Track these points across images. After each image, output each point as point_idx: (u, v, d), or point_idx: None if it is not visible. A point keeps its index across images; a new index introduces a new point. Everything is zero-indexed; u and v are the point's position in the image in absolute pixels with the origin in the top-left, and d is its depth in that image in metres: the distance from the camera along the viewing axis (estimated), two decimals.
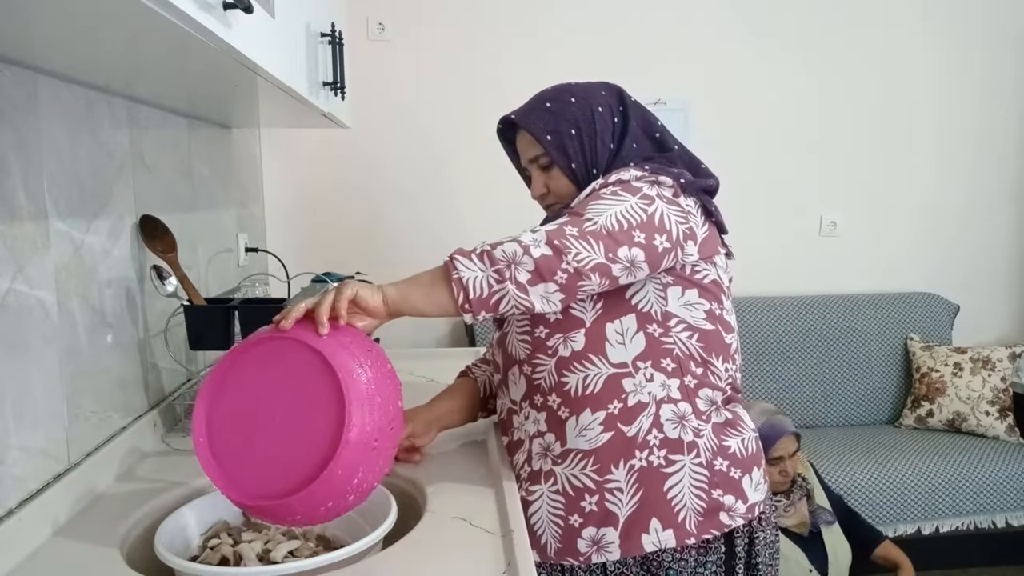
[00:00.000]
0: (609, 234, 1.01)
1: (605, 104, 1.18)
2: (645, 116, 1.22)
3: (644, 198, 1.06)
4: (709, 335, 1.13)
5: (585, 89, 1.20)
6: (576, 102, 1.17)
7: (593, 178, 1.16)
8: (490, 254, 0.99)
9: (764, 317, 2.84)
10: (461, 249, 1.02)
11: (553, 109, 1.18)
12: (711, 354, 1.13)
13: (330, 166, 2.67)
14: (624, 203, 1.05)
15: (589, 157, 1.17)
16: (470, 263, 0.99)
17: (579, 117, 1.17)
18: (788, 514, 1.93)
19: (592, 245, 1.00)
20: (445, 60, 2.69)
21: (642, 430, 1.09)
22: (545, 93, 1.22)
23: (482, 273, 0.98)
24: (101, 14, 0.73)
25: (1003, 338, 3.10)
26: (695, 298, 1.12)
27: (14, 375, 0.97)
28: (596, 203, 1.06)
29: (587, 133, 1.16)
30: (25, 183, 1.00)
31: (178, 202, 1.59)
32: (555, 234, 1.00)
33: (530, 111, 1.20)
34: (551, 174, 1.20)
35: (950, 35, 2.93)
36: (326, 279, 1.97)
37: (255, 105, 1.62)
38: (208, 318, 1.41)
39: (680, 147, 1.22)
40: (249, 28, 0.96)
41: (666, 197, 1.08)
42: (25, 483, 0.99)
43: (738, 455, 1.14)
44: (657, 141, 1.20)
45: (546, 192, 1.22)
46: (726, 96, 2.84)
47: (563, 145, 1.16)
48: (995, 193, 3.05)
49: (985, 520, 2.47)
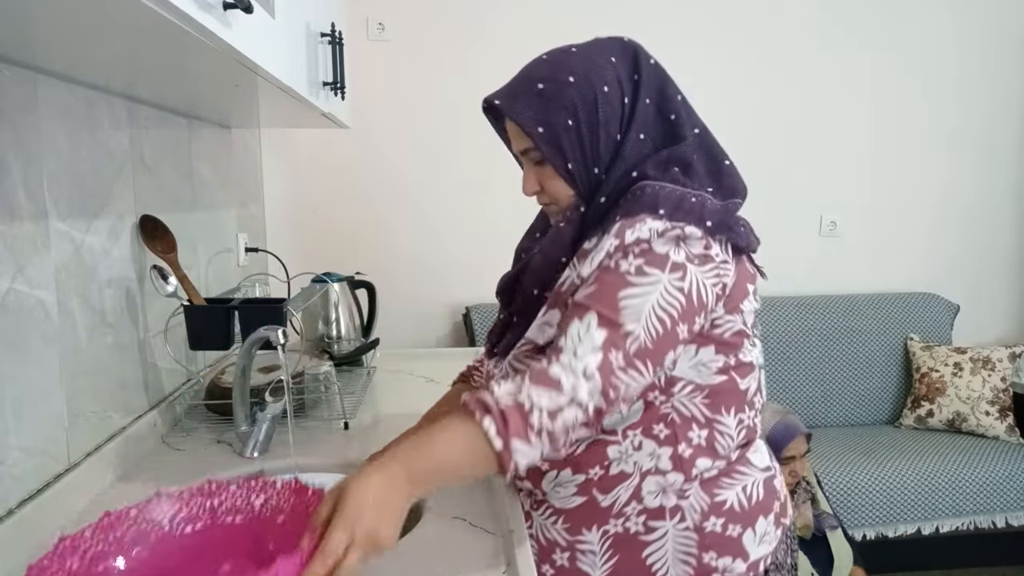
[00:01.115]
0: (656, 346, 0.86)
1: (613, 79, 0.95)
2: (663, 88, 0.99)
3: (675, 270, 0.88)
4: (719, 389, 0.97)
5: (589, 59, 0.96)
6: (576, 82, 0.94)
7: (594, 179, 0.96)
8: (551, 432, 0.82)
9: (764, 317, 2.82)
10: (511, 426, 0.81)
11: (547, 93, 0.95)
12: (719, 410, 0.97)
13: (330, 166, 2.67)
14: (657, 287, 0.87)
15: (590, 154, 0.96)
16: (529, 448, 0.82)
17: (578, 103, 0.94)
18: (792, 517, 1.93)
19: (641, 370, 0.86)
20: (445, 60, 2.69)
21: (619, 501, 0.97)
22: (538, 68, 0.98)
23: (537, 452, 0.83)
24: (101, 14, 0.73)
25: (1003, 338, 3.10)
26: (710, 356, 0.95)
27: (14, 375, 0.97)
28: (626, 293, 0.87)
29: (588, 124, 0.94)
30: (25, 183, 1.00)
31: (178, 202, 1.59)
32: (606, 374, 0.84)
33: (518, 95, 0.97)
34: (545, 171, 0.99)
35: (952, 35, 2.93)
36: (326, 279, 1.97)
37: (255, 105, 1.62)
38: (208, 318, 1.41)
39: (699, 134, 0.99)
40: (249, 28, 0.96)
41: (697, 257, 0.89)
42: (25, 483, 0.99)
43: (737, 508, 0.98)
44: (672, 125, 0.98)
45: (540, 190, 1.02)
46: (726, 96, 2.84)
47: (557, 140, 0.95)
48: (996, 193, 3.05)
49: (985, 520, 2.47)
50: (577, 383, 0.83)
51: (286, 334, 1.19)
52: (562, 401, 0.82)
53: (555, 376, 0.83)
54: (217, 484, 0.88)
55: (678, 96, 1.00)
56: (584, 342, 0.85)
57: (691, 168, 0.95)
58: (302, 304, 1.75)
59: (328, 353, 1.88)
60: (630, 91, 0.96)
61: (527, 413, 0.82)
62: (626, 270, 0.88)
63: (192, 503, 0.87)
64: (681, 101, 1.00)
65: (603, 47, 0.98)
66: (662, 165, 0.94)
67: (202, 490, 0.88)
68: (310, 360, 1.69)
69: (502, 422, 0.81)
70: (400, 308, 2.66)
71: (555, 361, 0.85)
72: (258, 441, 1.30)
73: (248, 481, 0.88)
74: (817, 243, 3.00)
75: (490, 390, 0.85)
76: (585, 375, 0.83)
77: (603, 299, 0.87)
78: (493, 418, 0.82)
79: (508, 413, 0.82)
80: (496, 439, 0.81)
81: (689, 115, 1.00)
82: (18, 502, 0.97)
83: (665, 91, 0.99)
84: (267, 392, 1.35)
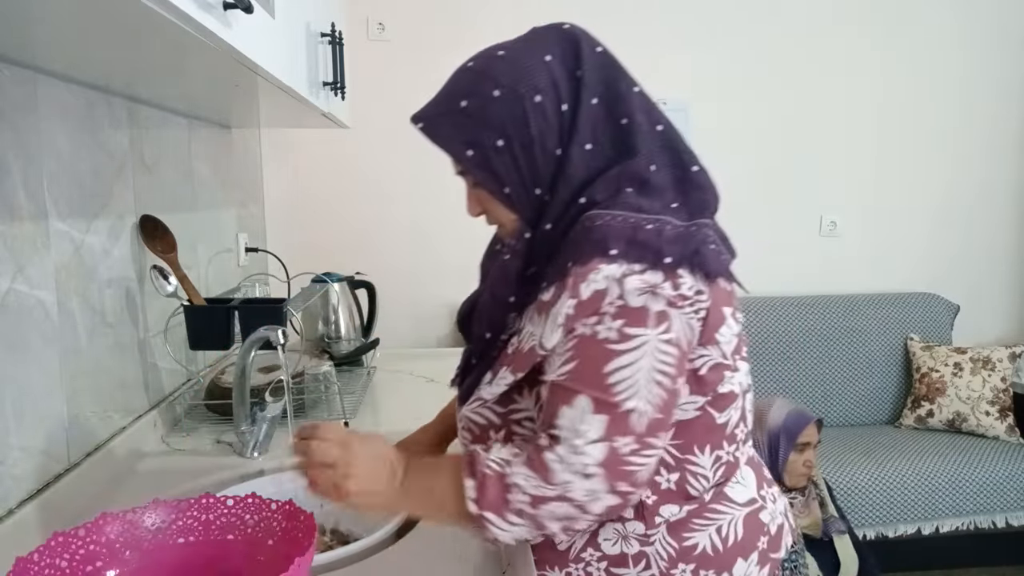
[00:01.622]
0: (664, 412, 0.78)
1: (547, 85, 0.83)
2: (614, 84, 0.85)
3: (659, 322, 0.77)
4: (690, 426, 0.85)
5: (517, 64, 0.84)
6: (501, 95, 0.82)
7: (537, 200, 0.85)
8: (533, 516, 0.76)
9: (764, 317, 2.83)
10: (488, 497, 0.77)
11: (471, 111, 0.83)
12: (692, 449, 0.86)
13: (330, 166, 2.67)
14: (646, 349, 0.76)
15: (528, 175, 0.84)
16: (504, 524, 0.77)
17: (507, 120, 0.82)
18: (802, 515, 1.94)
19: (656, 444, 0.78)
20: (445, 60, 2.67)
21: (575, 547, 0.88)
22: (460, 81, 0.87)
23: (522, 530, 0.78)
24: (101, 14, 0.73)
25: (1003, 338, 3.10)
26: (683, 398, 0.83)
27: (14, 375, 0.97)
28: (614, 365, 0.76)
29: (520, 142, 0.83)
30: (25, 183, 1.00)
31: (178, 202, 1.59)
32: (613, 468, 0.76)
33: (441, 115, 0.86)
34: (483, 194, 0.88)
35: (953, 35, 2.93)
36: (326, 279, 1.97)
37: (255, 105, 1.62)
38: (208, 318, 1.41)
39: (661, 132, 0.86)
40: (249, 28, 0.96)
41: (676, 299, 0.78)
42: (25, 483, 0.99)
43: (710, 552, 0.87)
44: (625, 130, 0.84)
45: (483, 212, 0.92)
46: (726, 96, 2.84)
47: (489, 163, 0.84)
48: (996, 193, 3.05)
49: (985, 520, 2.47)
50: (571, 482, 0.75)
51: (286, 334, 1.19)
52: (548, 493, 0.76)
53: (548, 464, 0.76)
54: (214, 499, 0.89)
55: (634, 89, 0.86)
56: (583, 433, 0.76)
57: (648, 184, 0.82)
58: (302, 304, 1.75)
59: (328, 353, 1.88)
60: (570, 94, 0.84)
61: (507, 488, 0.77)
62: (606, 337, 0.76)
63: (187, 514, 0.88)
64: (637, 95, 0.86)
65: (537, 44, 0.86)
66: (612, 187, 0.82)
67: (198, 503, 0.88)
68: (310, 360, 1.70)
69: (480, 490, 0.77)
70: (400, 308, 2.66)
71: (553, 447, 0.77)
72: (258, 441, 1.30)
73: (244, 499, 0.89)
74: (817, 243, 3.00)
75: (487, 447, 0.82)
76: (584, 474, 0.75)
77: (589, 379, 0.77)
78: (475, 482, 0.78)
79: (489, 483, 0.77)
80: (472, 504, 0.77)
81: (648, 112, 0.86)
82: (18, 502, 0.97)
83: (616, 86, 0.85)
84: (267, 392, 1.35)
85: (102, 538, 0.82)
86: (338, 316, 1.97)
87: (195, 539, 0.87)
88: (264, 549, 0.85)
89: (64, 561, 0.78)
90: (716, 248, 0.82)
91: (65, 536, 0.79)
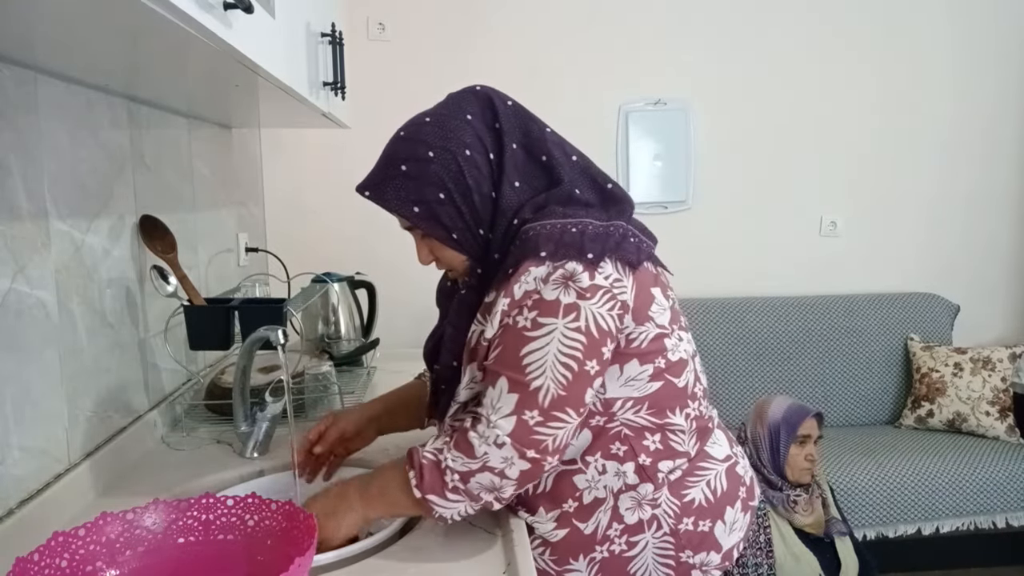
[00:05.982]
0: (569, 391, 0.90)
1: (473, 140, 0.96)
2: (527, 129, 0.99)
3: (568, 312, 0.89)
4: (658, 395, 0.99)
5: (444, 127, 0.97)
6: (436, 156, 0.95)
7: (481, 240, 0.98)
8: (466, 490, 0.90)
9: (764, 317, 2.83)
10: (426, 481, 0.91)
11: (411, 173, 0.96)
12: (665, 413, 1.00)
13: (330, 166, 2.67)
14: (554, 335, 0.89)
15: (470, 220, 0.97)
16: (446, 502, 0.91)
17: (444, 176, 0.95)
18: (806, 512, 1.94)
19: (563, 418, 0.90)
20: (445, 60, 2.69)
21: (601, 526, 1.01)
22: (397, 149, 0.99)
23: (461, 505, 0.92)
24: (101, 14, 0.73)
25: (1003, 338, 3.09)
26: (636, 370, 0.97)
27: (14, 375, 0.97)
28: (527, 349, 0.90)
29: (459, 192, 0.95)
30: (25, 183, 1.00)
31: (178, 202, 1.59)
32: (521, 437, 0.89)
33: (385, 181, 0.99)
34: (433, 243, 1.02)
35: (951, 35, 2.93)
36: (326, 279, 1.97)
37: (255, 105, 1.62)
38: (208, 318, 1.41)
39: (576, 162, 1.01)
40: (249, 28, 0.96)
41: (587, 291, 0.90)
42: (25, 483, 0.99)
43: (704, 504, 1.02)
44: (545, 167, 0.99)
45: (435, 259, 1.05)
46: (726, 96, 2.84)
47: (435, 215, 0.97)
48: (995, 193, 3.05)
49: (985, 520, 2.47)
50: (489, 451, 0.89)
51: (286, 334, 1.19)
52: (473, 466, 0.90)
53: (471, 441, 0.90)
54: (214, 499, 0.89)
55: (545, 130, 1.01)
56: (498, 409, 0.90)
57: (572, 199, 0.97)
58: (302, 304, 1.75)
59: (328, 353, 1.88)
60: (493, 144, 0.97)
61: (443, 471, 0.91)
62: (523, 326, 0.91)
63: (187, 515, 0.88)
64: (550, 134, 1.01)
65: (456, 106, 0.99)
66: (540, 205, 0.96)
67: (198, 503, 0.88)
68: (310, 360, 1.70)
69: (419, 477, 0.92)
70: (400, 308, 2.66)
71: (474, 426, 0.91)
72: (258, 441, 1.30)
73: (244, 499, 0.89)
74: (817, 243, 3.00)
75: (423, 444, 0.95)
76: (498, 444, 0.89)
77: (508, 361, 0.91)
78: (415, 471, 0.92)
79: (426, 470, 0.92)
80: (415, 490, 0.92)
81: (561, 146, 1.01)
82: (18, 502, 0.97)
83: (529, 132, 0.99)
84: (267, 392, 1.35)
85: (102, 538, 0.82)
86: (338, 316, 1.97)
87: (195, 539, 0.87)
88: (264, 549, 0.86)
89: (64, 561, 0.78)
90: (636, 240, 0.96)
91: (65, 536, 0.79)
